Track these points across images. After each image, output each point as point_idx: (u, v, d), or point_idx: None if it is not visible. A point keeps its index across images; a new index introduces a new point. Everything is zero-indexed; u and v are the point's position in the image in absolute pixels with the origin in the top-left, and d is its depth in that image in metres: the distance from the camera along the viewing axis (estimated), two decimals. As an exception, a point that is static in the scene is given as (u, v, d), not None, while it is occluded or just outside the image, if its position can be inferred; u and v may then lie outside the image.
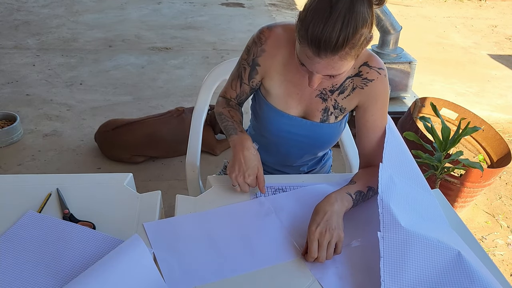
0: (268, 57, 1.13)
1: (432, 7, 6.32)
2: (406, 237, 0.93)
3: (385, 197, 0.98)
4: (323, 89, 1.14)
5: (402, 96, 2.91)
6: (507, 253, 2.14)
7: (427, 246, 0.92)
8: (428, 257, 0.91)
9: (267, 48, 1.12)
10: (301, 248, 0.97)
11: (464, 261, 0.90)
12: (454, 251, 0.92)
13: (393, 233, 0.93)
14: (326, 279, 0.90)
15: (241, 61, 1.18)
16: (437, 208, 1.06)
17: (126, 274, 0.82)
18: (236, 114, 1.21)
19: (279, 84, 1.15)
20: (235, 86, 1.21)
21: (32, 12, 5.05)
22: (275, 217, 1.06)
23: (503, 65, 4.42)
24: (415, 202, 1.04)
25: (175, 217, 1.04)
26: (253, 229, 1.02)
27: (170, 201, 1.13)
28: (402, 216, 0.97)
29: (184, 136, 1.57)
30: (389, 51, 2.81)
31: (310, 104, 1.16)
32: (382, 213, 0.96)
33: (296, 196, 1.14)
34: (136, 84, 3.51)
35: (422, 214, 1.02)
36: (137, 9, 5.31)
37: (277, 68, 1.14)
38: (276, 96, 1.17)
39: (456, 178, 2.17)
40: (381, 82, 1.11)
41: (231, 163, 1.09)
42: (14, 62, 3.79)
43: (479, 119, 2.50)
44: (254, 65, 1.15)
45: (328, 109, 1.15)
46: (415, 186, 1.08)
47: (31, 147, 2.67)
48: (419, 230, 0.95)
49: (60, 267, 0.89)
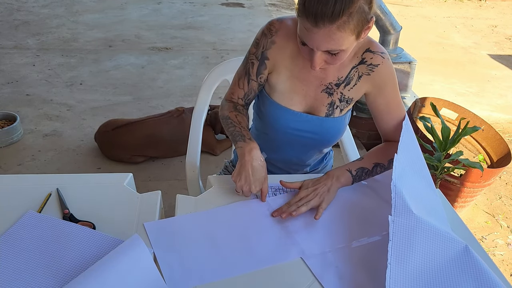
0: (278, 49, 1.12)
1: (432, 7, 6.33)
2: (416, 223, 0.94)
3: (398, 183, 0.99)
4: (328, 84, 1.13)
5: (402, 96, 2.91)
6: (507, 253, 2.14)
7: (436, 235, 0.93)
8: (435, 245, 0.92)
9: (277, 40, 1.12)
10: (301, 247, 0.97)
11: (471, 254, 0.91)
12: (462, 244, 0.93)
13: (404, 218, 0.94)
14: (326, 279, 0.90)
15: (248, 57, 1.17)
16: (441, 209, 1.06)
17: (126, 274, 0.82)
18: (243, 119, 1.17)
19: (285, 79, 1.15)
20: (242, 84, 1.18)
21: (32, 12, 5.05)
22: (276, 218, 1.05)
23: (503, 65, 4.42)
24: (424, 198, 1.05)
25: (176, 217, 1.04)
26: (253, 229, 1.02)
27: (170, 201, 1.13)
28: (413, 204, 0.97)
29: (184, 136, 1.57)
30: (389, 51, 2.81)
31: (316, 99, 1.16)
32: (394, 198, 0.97)
33: None
34: (136, 84, 3.51)
35: (429, 210, 1.02)
36: (137, 9, 5.31)
37: (285, 61, 1.13)
38: (281, 92, 1.16)
39: (456, 178, 2.17)
40: (386, 66, 1.11)
41: (238, 171, 1.07)
42: (14, 62, 3.79)
43: (479, 119, 2.50)
44: (263, 58, 1.14)
45: (334, 103, 1.15)
46: (424, 183, 1.09)
47: (31, 147, 2.67)
48: (429, 219, 0.96)
49: (60, 267, 0.88)
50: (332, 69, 1.12)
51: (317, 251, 0.97)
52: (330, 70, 1.13)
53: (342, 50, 0.98)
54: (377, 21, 2.72)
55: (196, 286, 0.86)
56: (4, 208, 1.03)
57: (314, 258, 0.95)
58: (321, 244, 0.99)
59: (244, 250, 0.96)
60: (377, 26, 2.77)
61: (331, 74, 1.13)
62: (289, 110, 1.17)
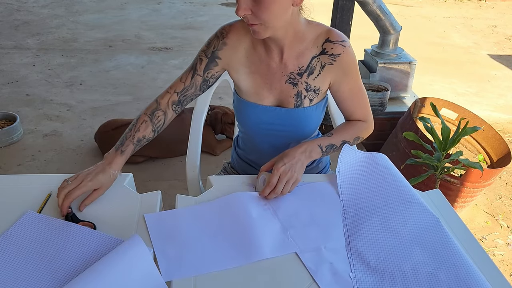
0: (230, 49, 1.17)
1: (432, 7, 6.33)
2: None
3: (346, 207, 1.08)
4: (290, 73, 1.16)
5: (402, 96, 2.91)
6: (507, 253, 2.14)
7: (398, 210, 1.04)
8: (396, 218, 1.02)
9: (229, 42, 1.17)
10: (296, 241, 0.97)
11: (441, 227, 0.98)
12: (434, 217, 1.00)
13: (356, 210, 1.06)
14: (319, 275, 0.90)
15: (199, 54, 1.20)
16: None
17: (126, 274, 0.82)
18: (145, 127, 1.17)
19: (245, 76, 1.19)
20: (185, 78, 1.19)
21: (32, 12, 5.05)
22: (273, 213, 1.06)
23: (503, 65, 4.42)
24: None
25: (176, 209, 1.05)
26: (251, 221, 1.02)
27: (170, 201, 1.13)
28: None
29: (184, 136, 1.57)
30: (389, 51, 2.82)
31: (282, 91, 1.18)
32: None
33: (294, 194, 1.13)
34: (136, 84, 3.52)
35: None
36: (137, 9, 5.31)
37: (241, 60, 1.18)
38: (246, 90, 1.20)
39: (456, 178, 2.17)
40: (347, 54, 1.14)
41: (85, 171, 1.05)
42: (14, 62, 3.79)
43: (479, 119, 2.50)
44: (213, 57, 1.17)
45: (300, 93, 1.18)
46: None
47: (31, 147, 2.68)
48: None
49: (60, 267, 0.88)
50: (291, 58, 1.15)
51: (312, 246, 0.97)
52: (290, 58, 1.15)
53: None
54: (377, 21, 2.72)
55: (194, 276, 0.86)
56: (4, 208, 1.03)
57: (308, 254, 0.95)
58: (316, 240, 0.99)
59: (242, 242, 0.96)
60: (377, 26, 2.77)
61: (291, 63, 1.16)
62: (257, 105, 1.20)
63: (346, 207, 1.07)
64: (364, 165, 1.18)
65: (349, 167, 1.16)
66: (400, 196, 1.08)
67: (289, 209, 1.08)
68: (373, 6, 2.62)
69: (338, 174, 1.14)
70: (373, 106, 2.57)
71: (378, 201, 1.08)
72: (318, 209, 1.07)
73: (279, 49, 1.15)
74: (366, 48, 2.97)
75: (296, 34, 1.13)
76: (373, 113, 1.31)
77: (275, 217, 1.04)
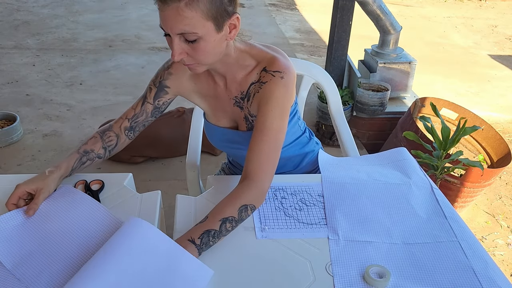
0: (176, 79, 1.18)
1: (432, 7, 6.33)
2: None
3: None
4: (234, 97, 1.16)
5: (402, 96, 2.91)
6: (507, 253, 2.14)
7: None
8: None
9: (174, 71, 1.17)
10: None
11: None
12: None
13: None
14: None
15: (149, 83, 1.20)
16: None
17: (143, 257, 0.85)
18: (93, 142, 1.14)
19: (200, 100, 1.22)
20: (136, 105, 1.19)
21: (32, 12, 5.05)
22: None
23: (503, 65, 4.42)
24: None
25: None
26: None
27: (170, 201, 1.13)
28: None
29: (184, 137, 1.57)
30: (389, 51, 2.81)
31: (233, 114, 1.19)
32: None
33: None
34: (136, 84, 3.52)
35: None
36: (137, 9, 5.31)
37: (189, 87, 1.19)
38: (206, 111, 1.25)
39: (456, 178, 2.17)
40: (273, 83, 1.07)
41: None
42: (14, 62, 3.79)
43: (479, 119, 2.50)
44: (162, 86, 1.18)
45: (247, 117, 1.17)
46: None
47: (31, 147, 2.68)
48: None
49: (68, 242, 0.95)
50: (234, 84, 1.14)
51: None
52: (233, 84, 1.14)
53: (199, 37, 0.96)
54: (377, 21, 2.72)
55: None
56: (4, 208, 1.03)
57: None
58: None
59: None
60: (377, 26, 2.77)
61: (234, 88, 1.15)
62: (215, 127, 1.23)
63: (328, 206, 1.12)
64: (346, 167, 1.24)
65: (331, 169, 1.22)
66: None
67: None
68: (373, 6, 2.62)
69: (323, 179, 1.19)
70: (373, 106, 2.58)
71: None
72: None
73: (222, 76, 1.15)
74: (366, 48, 2.97)
75: (237, 62, 1.11)
76: (373, 113, 1.30)
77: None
